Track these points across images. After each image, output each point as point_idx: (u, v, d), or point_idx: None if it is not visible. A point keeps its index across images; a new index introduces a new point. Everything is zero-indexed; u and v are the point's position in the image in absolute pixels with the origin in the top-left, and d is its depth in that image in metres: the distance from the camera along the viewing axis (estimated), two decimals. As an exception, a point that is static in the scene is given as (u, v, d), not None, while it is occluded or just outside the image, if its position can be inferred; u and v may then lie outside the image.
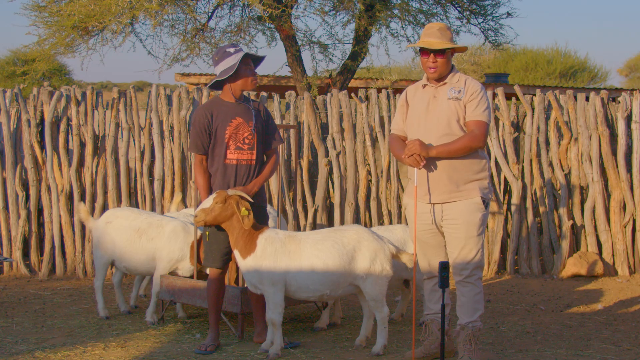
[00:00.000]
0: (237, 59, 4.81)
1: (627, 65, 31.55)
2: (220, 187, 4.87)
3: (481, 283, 4.57)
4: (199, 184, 4.97)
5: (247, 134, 4.92)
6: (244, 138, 4.91)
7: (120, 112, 7.84)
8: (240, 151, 4.90)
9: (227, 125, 4.89)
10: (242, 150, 4.91)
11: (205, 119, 4.89)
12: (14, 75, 18.45)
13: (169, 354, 4.82)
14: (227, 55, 4.85)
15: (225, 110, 4.92)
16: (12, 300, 6.63)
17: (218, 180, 4.91)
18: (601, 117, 7.80)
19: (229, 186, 4.87)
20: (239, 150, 4.90)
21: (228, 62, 4.84)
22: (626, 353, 4.92)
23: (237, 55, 4.83)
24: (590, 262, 7.64)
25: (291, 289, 4.74)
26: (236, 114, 4.92)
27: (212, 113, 4.90)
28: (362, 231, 4.84)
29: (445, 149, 4.39)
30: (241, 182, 4.91)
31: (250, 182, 4.92)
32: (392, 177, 7.87)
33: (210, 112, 4.90)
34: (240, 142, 4.91)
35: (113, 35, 10.31)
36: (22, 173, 7.91)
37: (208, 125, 4.89)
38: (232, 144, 4.89)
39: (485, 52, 24.29)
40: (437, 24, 4.55)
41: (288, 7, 10.25)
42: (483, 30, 12.19)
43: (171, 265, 5.69)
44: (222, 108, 4.93)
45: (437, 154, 4.40)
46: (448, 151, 4.40)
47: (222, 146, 4.89)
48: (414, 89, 4.70)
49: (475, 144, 4.41)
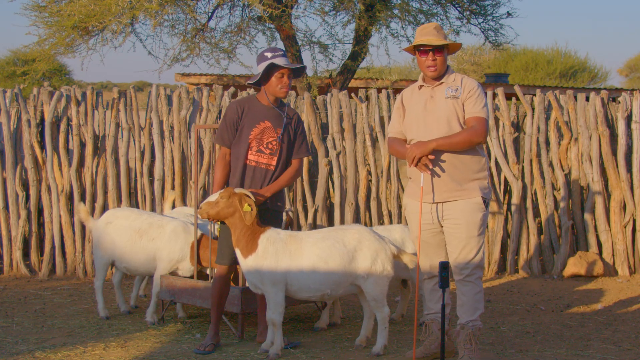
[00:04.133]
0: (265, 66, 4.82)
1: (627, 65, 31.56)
2: (236, 186, 4.88)
3: (481, 282, 4.57)
4: (215, 177, 4.97)
5: (271, 139, 4.91)
6: (267, 143, 4.91)
7: (120, 112, 7.84)
8: (261, 154, 4.90)
9: (254, 126, 4.89)
10: (263, 154, 4.90)
11: (235, 114, 4.90)
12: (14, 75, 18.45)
13: (169, 354, 4.82)
14: (263, 60, 4.86)
15: (257, 111, 4.93)
16: (12, 300, 6.63)
17: (235, 178, 4.92)
18: (601, 117, 7.80)
19: (243, 187, 4.88)
20: (260, 154, 4.90)
21: (261, 66, 4.87)
22: (626, 353, 4.92)
23: (273, 60, 4.81)
24: (590, 262, 7.64)
25: (292, 289, 4.74)
26: (265, 117, 4.92)
27: (243, 110, 4.92)
28: (363, 231, 4.84)
29: (447, 141, 4.39)
30: (257, 185, 4.91)
31: (265, 186, 4.92)
32: (392, 177, 7.87)
33: (242, 109, 4.92)
34: (263, 145, 4.91)
35: (113, 35, 10.32)
36: (22, 173, 7.91)
37: (237, 120, 4.90)
38: (255, 145, 4.89)
39: (485, 52, 24.31)
40: (432, 24, 4.58)
41: (288, 7, 10.26)
42: (483, 30, 12.21)
43: (171, 265, 5.69)
44: (254, 108, 4.94)
45: (437, 146, 4.39)
46: (449, 143, 4.40)
47: (244, 145, 4.89)
48: (410, 91, 4.70)
49: (476, 138, 4.41)
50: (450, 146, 4.40)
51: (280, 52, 4.89)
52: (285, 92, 4.93)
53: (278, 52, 4.89)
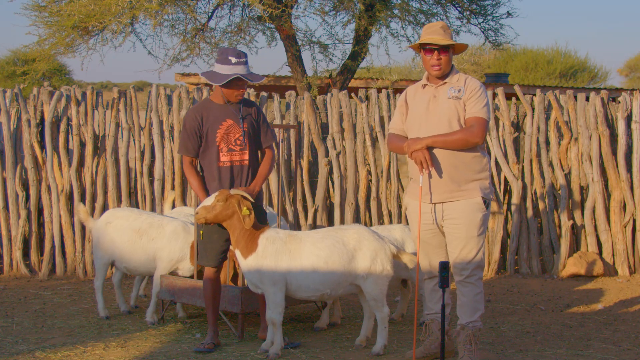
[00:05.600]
0: (231, 72, 4.79)
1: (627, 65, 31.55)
2: (216, 190, 4.86)
3: (481, 283, 4.57)
4: (193, 185, 4.96)
5: (238, 135, 4.92)
6: (235, 139, 4.92)
7: (120, 112, 7.84)
8: (232, 153, 4.91)
9: (218, 128, 4.89)
10: (234, 151, 4.92)
11: (195, 121, 4.89)
12: (14, 75, 18.46)
13: (169, 354, 4.82)
14: (226, 62, 4.83)
15: (216, 112, 4.93)
16: (12, 300, 6.63)
17: (214, 183, 4.91)
18: (601, 117, 7.80)
19: (224, 188, 4.87)
20: (231, 152, 4.91)
21: (223, 69, 4.84)
22: (626, 353, 4.93)
23: (234, 68, 4.80)
24: (590, 262, 7.63)
25: (292, 289, 4.74)
26: (226, 116, 4.93)
27: (202, 116, 4.91)
28: (363, 230, 4.84)
29: (441, 139, 4.40)
30: (236, 183, 4.91)
31: (245, 182, 4.92)
32: (392, 177, 7.86)
33: (200, 115, 4.91)
34: (232, 143, 4.92)
35: (113, 35, 10.31)
36: (22, 173, 7.91)
37: (198, 127, 4.89)
38: (224, 146, 4.90)
39: (486, 52, 24.30)
40: (439, 23, 4.57)
41: (288, 7, 10.25)
42: (483, 30, 12.19)
43: (171, 265, 5.69)
44: (212, 111, 4.93)
45: (432, 143, 4.40)
46: (444, 141, 4.40)
47: (213, 149, 4.89)
48: (413, 89, 4.70)
49: (472, 138, 4.40)
50: (445, 144, 4.40)
51: (244, 59, 4.86)
52: (240, 99, 4.94)
53: (242, 57, 4.86)
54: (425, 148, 4.40)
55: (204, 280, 5.05)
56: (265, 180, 5.06)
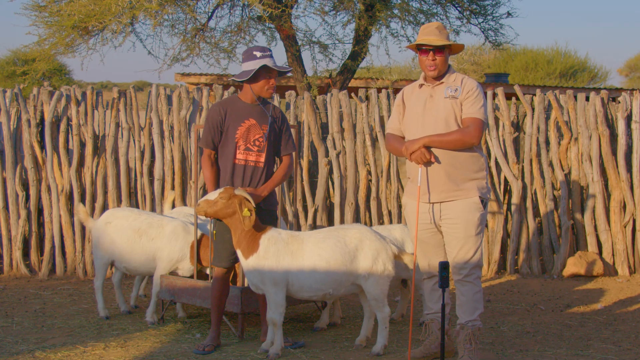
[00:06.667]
0: (257, 66, 4.82)
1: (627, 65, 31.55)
2: (226, 184, 4.87)
3: (480, 282, 4.57)
4: (206, 176, 4.97)
5: (258, 137, 4.92)
6: (254, 140, 4.92)
7: (120, 112, 7.84)
8: (249, 152, 4.91)
9: (239, 125, 4.90)
10: (251, 151, 4.91)
11: (219, 115, 4.90)
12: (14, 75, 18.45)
13: (169, 354, 4.82)
14: (252, 58, 4.85)
15: (240, 110, 4.93)
16: (12, 300, 6.63)
17: (225, 178, 4.92)
18: (601, 117, 7.80)
19: (235, 186, 4.87)
20: (248, 152, 4.91)
21: (250, 65, 4.85)
22: (626, 353, 4.93)
23: (260, 61, 4.82)
24: (590, 262, 7.63)
25: (293, 289, 4.74)
26: (250, 115, 4.93)
27: (226, 111, 4.92)
28: (364, 230, 4.84)
29: (437, 139, 4.41)
30: (247, 183, 4.91)
31: (258, 184, 4.92)
32: (392, 177, 7.86)
33: (224, 110, 4.92)
34: (250, 143, 4.91)
35: (113, 35, 10.32)
36: (22, 173, 7.91)
37: (221, 122, 4.90)
38: (242, 144, 4.90)
39: (485, 52, 24.32)
40: (435, 23, 4.58)
41: (288, 7, 10.25)
42: (483, 30, 12.20)
43: (171, 265, 5.69)
44: (236, 107, 4.94)
45: (428, 142, 4.42)
46: (440, 141, 4.41)
47: (231, 145, 4.90)
48: (410, 89, 4.71)
49: (468, 139, 4.41)
50: (441, 144, 4.41)
51: (269, 53, 4.89)
52: (271, 93, 4.95)
53: (267, 52, 4.89)
54: (423, 147, 4.42)
55: (213, 280, 5.05)
56: (278, 185, 5.05)
